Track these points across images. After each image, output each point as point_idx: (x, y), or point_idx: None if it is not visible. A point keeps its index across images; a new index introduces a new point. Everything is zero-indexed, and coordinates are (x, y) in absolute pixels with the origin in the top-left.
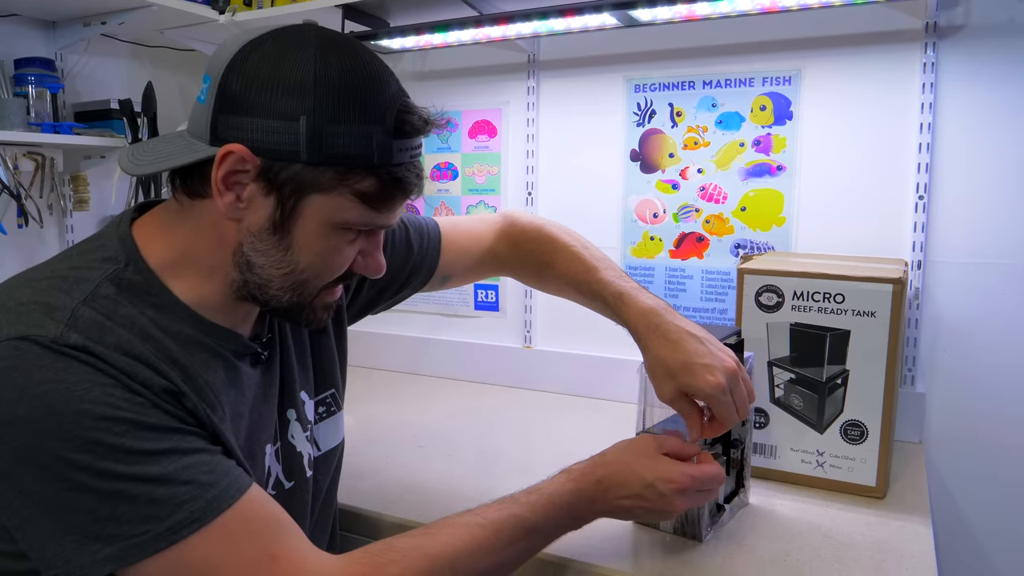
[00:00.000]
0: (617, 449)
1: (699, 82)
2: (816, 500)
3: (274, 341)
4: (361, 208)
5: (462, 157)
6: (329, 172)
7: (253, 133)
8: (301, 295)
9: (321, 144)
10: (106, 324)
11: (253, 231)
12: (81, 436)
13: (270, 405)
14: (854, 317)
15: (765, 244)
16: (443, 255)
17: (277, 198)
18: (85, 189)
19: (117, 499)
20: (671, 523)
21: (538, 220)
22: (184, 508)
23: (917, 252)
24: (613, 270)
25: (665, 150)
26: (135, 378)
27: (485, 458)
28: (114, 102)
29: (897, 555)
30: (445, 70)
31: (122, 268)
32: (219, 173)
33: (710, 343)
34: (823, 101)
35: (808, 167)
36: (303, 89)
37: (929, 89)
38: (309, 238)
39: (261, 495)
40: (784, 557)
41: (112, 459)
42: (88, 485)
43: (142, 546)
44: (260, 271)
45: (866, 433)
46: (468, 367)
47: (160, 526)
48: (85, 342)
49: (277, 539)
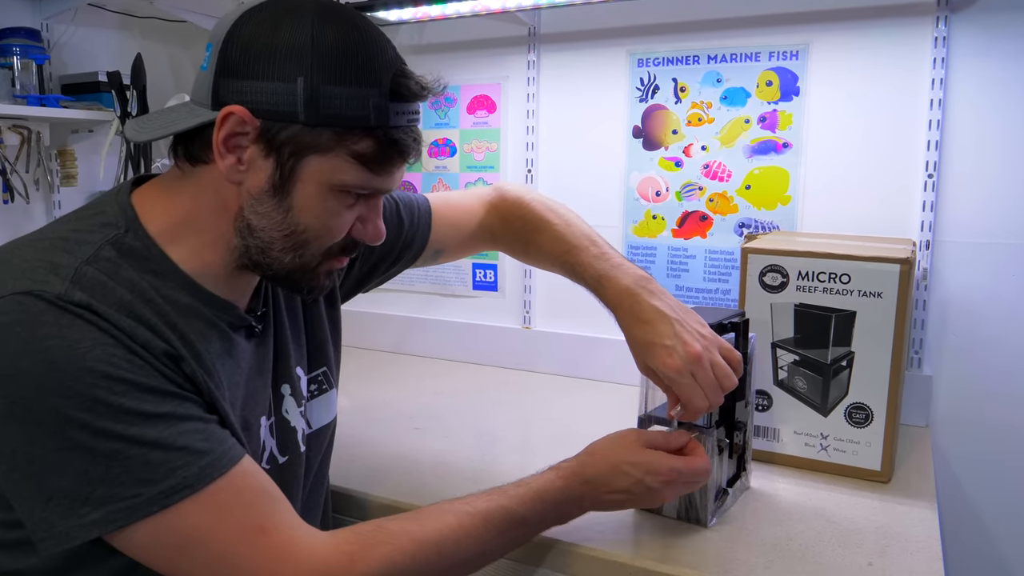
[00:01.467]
0: (603, 445)
1: (704, 56)
2: (819, 484)
3: (268, 316)
4: (358, 170)
5: (460, 133)
6: (327, 133)
7: (253, 95)
8: (303, 257)
9: (318, 105)
10: (109, 284)
11: (254, 193)
12: (82, 393)
13: (264, 379)
14: (860, 298)
15: (770, 223)
16: (434, 229)
17: (276, 160)
18: (72, 164)
19: (112, 460)
20: (674, 508)
21: (525, 194)
22: (177, 473)
23: (925, 232)
24: (595, 247)
25: (668, 126)
26: (136, 339)
27: (483, 440)
28: (102, 74)
29: (902, 540)
30: (443, 43)
31: (122, 233)
32: (220, 135)
33: (682, 324)
34: (831, 76)
35: (815, 144)
36: (301, 52)
37: (940, 64)
38: (308, 200)
39: (254, 467)
40: (786, 542)
41: (111, 418)
42: (83, 444)
43: (132, 509)
44: (261, 234)
45: (871, 416)
46: (466, 348)
47: (152, 490)
48: (89, 300)
49: (268, 512)
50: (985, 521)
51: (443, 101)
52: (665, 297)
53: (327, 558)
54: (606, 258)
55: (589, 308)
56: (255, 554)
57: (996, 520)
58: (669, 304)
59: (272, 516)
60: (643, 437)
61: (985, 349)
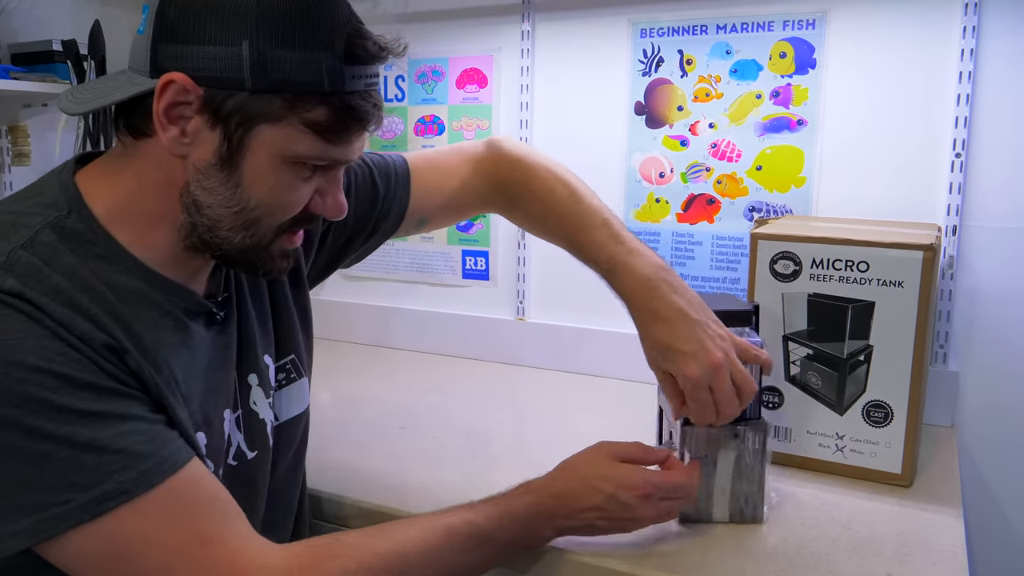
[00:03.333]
0: (574, 460)
1: (712, 26)
2: (835, 487)
3: (231, 301)
4: (313, 139)
5: (449, 109)
6: (277, 100)
7: (194, 62)
8: (254, 236)
9: (266, 70)
10: (44, 271)
11: (200, 167)
12: (10, 389)
13: (228, 369)
14: (879, 287)
15: (782, 207)
16: (414, 195)
17: (223, 131)
18: (25, 141)
19: (42, 463)
20: (725, 510)
21: (526, 154)
22: (113, 478)
23: (952, 216)
24: (607, 227)
25: (673, 102)
26: (73, 331)
27: (474, 441)
28: (57, 43)
29: (924, 548)
30: (430, 11)
31: (64, 215)
32: (160, 105)
33: (703, 327)
34: (850, 47)
35: (832, 121)
36: (245, 12)
37: (971, 33)
38: (260, 173)
39: (201, 472)
40: (799, 549)
41: (43, 416)
42: (12, 446)
43: (61, 517)
44: (208, 211)
45: (891, 415)
46: (454, 341)
47: (84, 496)
48: (21, 288)
49: (213, 521)
50: (1016, 528)
51: (430, 75)
52: (686, 293)
53: (276, 572)
54: (620, 240)
55: (588, 298)
56: (196, 568)
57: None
58: (689, 301)
59: (219, 526)
60: (617, 450)
61: (1016, 343)
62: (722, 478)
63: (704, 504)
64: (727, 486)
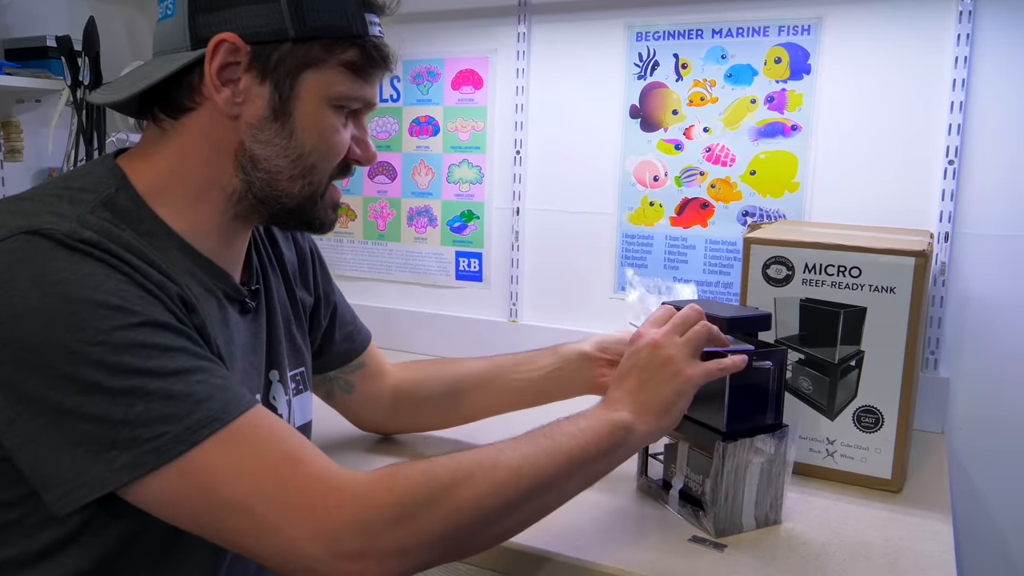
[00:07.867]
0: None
1: (707, 30)
2: (824, 493)
3: (260, 294)
4: (352, 79)
5: (444, 110)
6: (316, 46)
7: (236, 21)
8: (311, 184)
9: (304, 19)
10: (114, 230)
11: (254, 123)
12: (95, 326)
13: (259, 357)
14: (871, 293)
15: (776, 212)
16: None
17: (273, 83)
18: (18, 137)
19: (132, 397)
20: (752, 517)
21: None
22: (202, 406)
23: (944, 223)
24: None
25: (668, 106)
26: (150, 278)
27: (465, 442)
28: (51, 39)
29: (912, 554)
30: (425, 12)
31: (114, 193)
32: (213, 67)
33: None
34: (845, 53)
35: (826, 127)
36: None
37: (964, 41)
38: (310, 118)
39: (270, 412)
40: (787, 554)
41: (127, 352)
42: (100, 384)
43: (160, 450)
44: (266, 163)
45: (882, 420)
46: (447, 343)
47: (178, 426)
48: (99, 239)
49: (296, 445)
50: (1005, 536)
51: (425, 76)
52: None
53: (369, 482)
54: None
55: (580, 301)
56: (287, 487)
57: (1017, 535)
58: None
59: (304, 449)
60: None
61: (1007, 350)
62: (750, 488)
63: (737, 515)
64: (754, 496)
